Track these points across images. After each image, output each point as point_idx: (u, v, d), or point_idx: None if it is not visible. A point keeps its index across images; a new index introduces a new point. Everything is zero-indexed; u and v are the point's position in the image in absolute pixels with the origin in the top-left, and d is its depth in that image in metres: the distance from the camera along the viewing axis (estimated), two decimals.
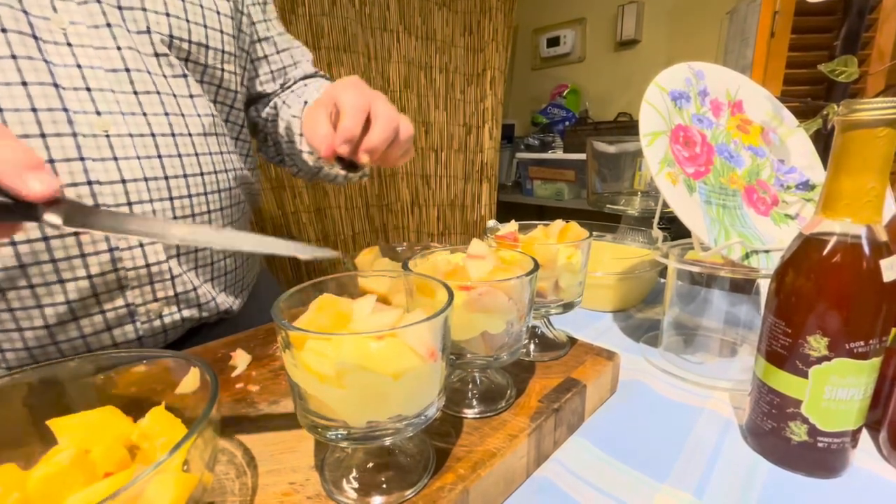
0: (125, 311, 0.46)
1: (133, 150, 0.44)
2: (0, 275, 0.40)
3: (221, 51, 0.51)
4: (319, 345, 0.22)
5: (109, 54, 0.43)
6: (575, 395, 0.37)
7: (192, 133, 0.49)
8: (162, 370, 0.29)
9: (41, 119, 0.39)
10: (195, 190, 0.49)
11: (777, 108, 0.50)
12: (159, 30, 0.45)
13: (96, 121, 0.42)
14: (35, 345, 0.43)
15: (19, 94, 0.38)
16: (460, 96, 1.75)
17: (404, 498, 0.26)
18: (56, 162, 0.40)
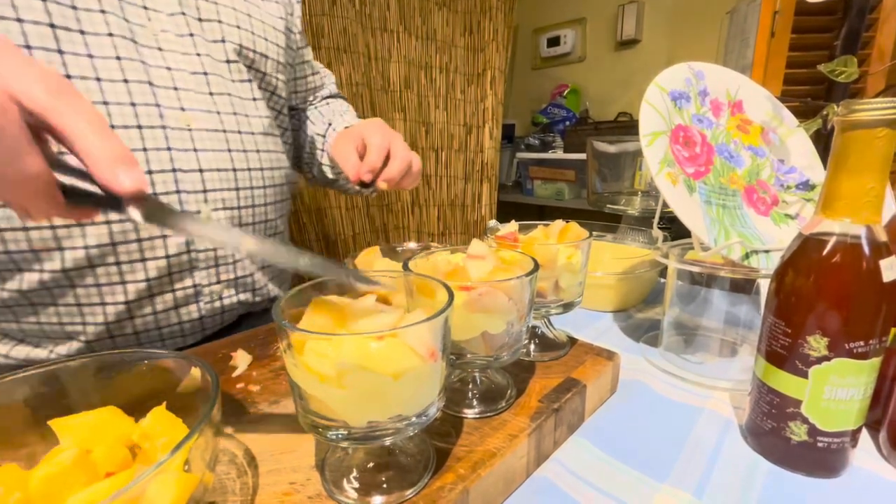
0: (192, 290, 0.51)
1: (209, 143, 0.49)
2: (93, 251, 0.43)
3: (277, 62, 0.58)
4: (320, 345, 0.22)
5: (191, 59, 0.49)
6: (575, 395, 0.37)
7: (254, 132, 0.55)
8: (163, 370, 0.29)
9: (138, 112, 0.44)
10: (256, 183, 0.55)
11: (777, 108, 0.50)
12: (231, 40, 0.52)
13: (181, 116, 0.47)
14: (113, 320, 0.47)
15: (122, 90, 0.43)
16: (460, 96, 1.75)
17: (404, 498, 0.26)
18: (148, 150, 0.44)
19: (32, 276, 0.43)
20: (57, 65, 0.40)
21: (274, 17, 0.58)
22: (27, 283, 0.43)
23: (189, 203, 0.48)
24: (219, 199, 0.50)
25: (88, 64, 0.41)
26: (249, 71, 0.55)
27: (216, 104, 0.50)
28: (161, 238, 0.46)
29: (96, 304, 0.45)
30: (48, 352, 0.47)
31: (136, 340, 0.49)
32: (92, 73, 0.41)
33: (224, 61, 0.51)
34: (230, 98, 0.52)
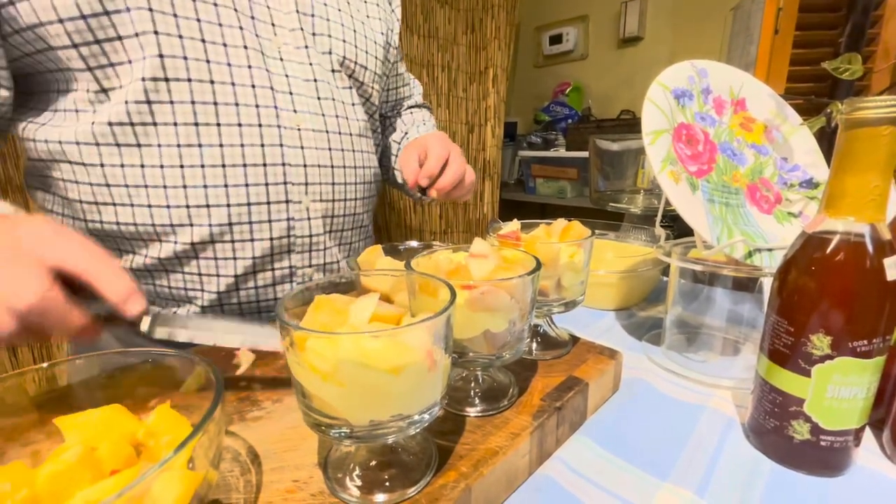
0: (288, 271, 0.56)
1: (314, 142, 0.55)
2: (215, 229, 0.50)
3: (374, 73, 0.64)
4: (320, 343, 0.22)
5: (305, 68, 0.55)
6: (577, 394, 0.37)
7: (352, 133, 0.60)
8: (167, 369, 0.30)
9: (260, 113, 0.50)
10: (350, 180, 0.60)
11: (780, 106, 0.50)
12: (337, 52, 0.58)
13: (294, 117, 0.53)
14: (224, 290, 0.53)
15: (249, 94, 0.50)
16: (462, 94, 1.74)
17: (407, 496, 0.26)
18: (265, 146, 0.51)
19: (169, 247, 0.50)
20: (204, 71, 0.47)
21: (376, 32, 0.64)
22: (164, 252, 0.50)
23: (293, 193, 0.54)
24: (317, 191, 0.56)
25: (227, 71, 0.48)
26: (350, 79, 0.61)
27: (322, 108, 0.56)
28: (268, 222, 0.53)
29: (213, 275, 0.52)
30: (172, 313, 0.53)
31: (238, 310, 0.56)
32: (229, 78, 0.49)
33: (331, 70, 0.58)
34: (334, 102, 0.58)
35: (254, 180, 0.51)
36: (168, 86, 0.46)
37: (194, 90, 0.47)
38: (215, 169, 0.49)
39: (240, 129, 0.49)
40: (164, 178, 0.48)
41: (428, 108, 0.87)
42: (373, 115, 0.68)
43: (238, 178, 0.50)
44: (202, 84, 0.47)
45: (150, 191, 0.48)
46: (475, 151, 1.79)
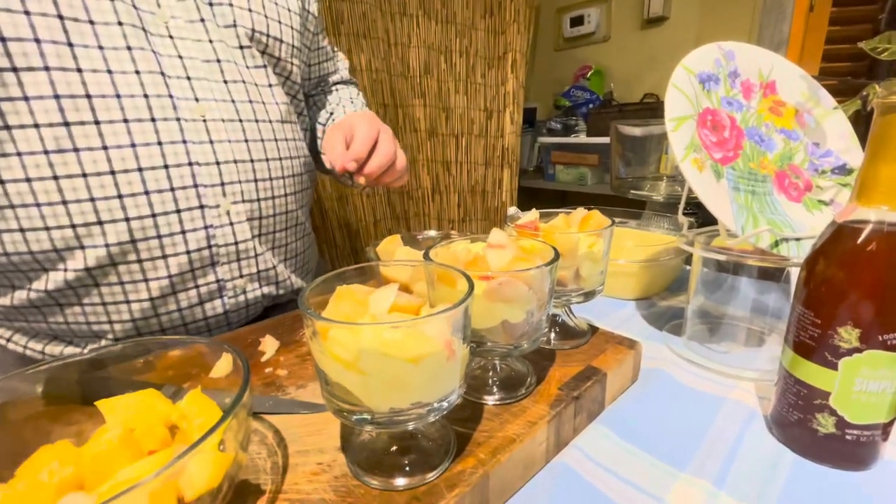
0: (216, 286, 0.50)
1: (225, 134, 0.48)
2: (114, 249, 0.43)
3: (292, 45, 0.56)
4: (342, 333, 0.23)
5: (203, 46, 0.47)
6: (595, 384, 0.37)
7: (271, 120, 0.53)
8: (196, 355, 0.31)
9: (152, 105, 0.43)
10: (275, 173, 0.53)
11: (813, 89, 0.48)
12: (243, 24, 0.50)
13: (195, 107, 0.46)
14: (139, 317, 0.47)
15: (134, 81, 0.42)
16: (481, 80, 1.72)
17: (426, 480, 0.27)
18: (164, 144, 0.44)
19: (57, 276, 0.43)
20: (67, 57, 0.39)
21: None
22: (52, 283, 0.43)
23: (207, 197, 0.47)
24: (237, 191, 0.49)
25: (99, 55, 0.40)
26: (263, 56, 0.53)
27: (231, 92, 0.49)
28: (181, 234, 0.46)
29: (121, 301, 0.45)
30: (80, 350, 0.47)
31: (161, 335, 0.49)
32: (103, 65, 0.40)
33: (237, 47, 0.50)
34: (245, 85, 0.50)
35: (155, 186, 0.43)
36: (18, 77, 0.37)
37: (56, 81, 0.38)
38: (102, 177, 0.41)
39: (126, 125, 0.41)
40: (34, 195, 0.39)
41: (355, 83, 0.78)
42: (295, 95, 0.60)
43: (135, 185, 0.42)
44: (66, 73, 0.39)
45: (19, 211, 0.39)
46: (493, 139, 1.77)
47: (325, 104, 0.70)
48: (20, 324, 0.47)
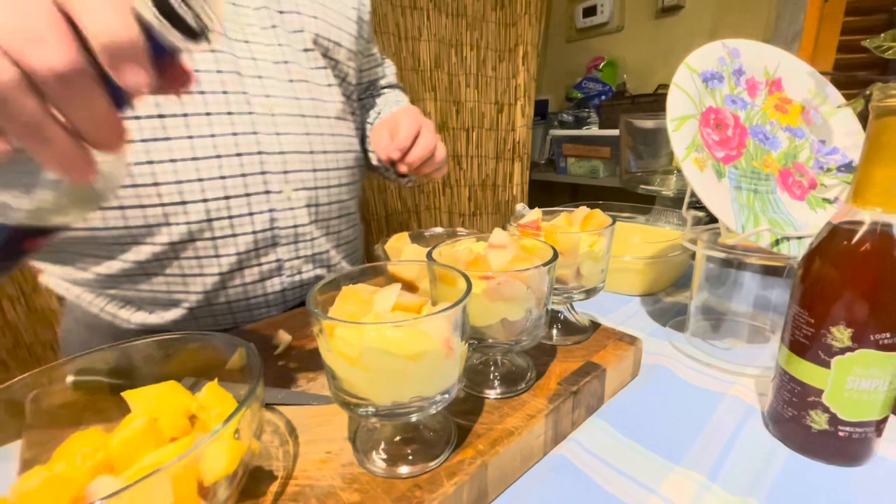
0: (276, 265, 0.55)
1: (290, 127, 0.53)
2: (193, 227, 0.48)
3: (349, 50, 0.62)
4: (347, 331, 0.25)
5: (273, 49, 0.53)
6: (594, 379, 0.38)
7: (329, 116, 0.58)
8: (213, 349, 0.33)
9: (229, 100, 0.49)
10: (331, 165, 0.59)
11: (820, 85, 0.47)
12: (309, 29, 0.55)
13: (265, 102, 0.51)
14: (210, 289, 0.52)
15: (216, 79, 0.48)
16: (492, 73, 1.72)
17: (428, 468, 0.28)
18: (238, 135, 0.49)
19: (146, 248, 0.48)
20: None
21: (347, 6, 0.61)
22: (142, 255, 0.48)
23: (273, 183, 0.52)
24: (298, 179, 0.55)
25: (189, 57, 0.46)
26: (324, 59, 0.58)
27: (295, 90, 0.54)
28: (249, 216, 0.51)
29: (196, 274, 0.51)
30: (159, 317, 0.53)
31: (228, 309, 0.55)
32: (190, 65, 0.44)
33: (302, 50, 0.55)
34: (308, 84, 0.56)
35: (229, 172, 0.49)
36: None
37: None
38: (186, 163, 0.47)
39: (208, 118, 0.47)
40: (132, 178, 0.45)
41: (401, 88, 0.84)
42: (349, 96, 0.65)
43: (212, 171, 0.48)
44: None
45: (120, 191, 0.45)
46: (504, 132, 1.77)
47: (373, 106, 0.76)
48: (113, 292, 0.52)
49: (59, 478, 0.23)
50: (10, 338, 1.27)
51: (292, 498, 0.27)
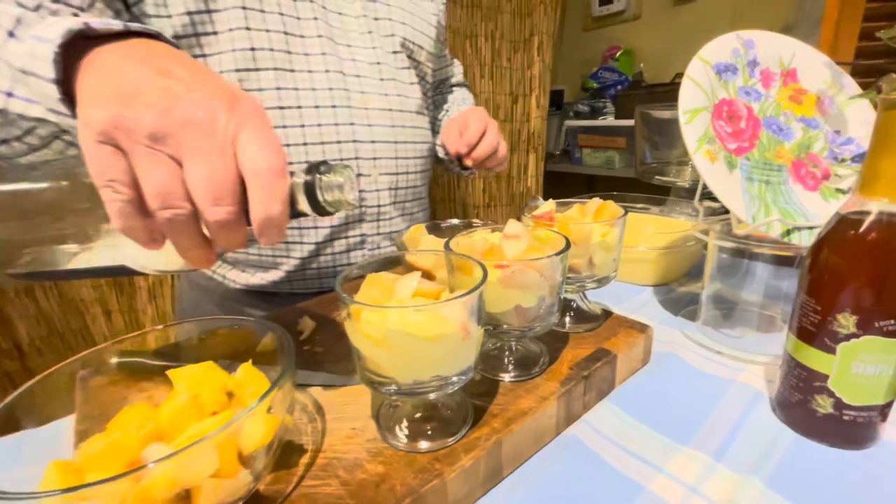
0: (359, 239, 0.63)
1: (380, 119, 0.61)
2: None
3: (429, 52, 0.70)
4: (372, 315, 0.27)
5: (369, 52, 0.61)
6: (605, 364, 0.40)
7: (411, 111, 0.66)
8: (246, 333, 0.36)
9: (333, 95, 0.57)
10: (410, 154, 0.66)
11: (836, 76, 0.47)
12: (398, 34, 0.64)
13: (361, 98, 0.59)
14: (307, 255, 0.61)
15: (324, 77, 0.56)
16: (506, 64, 1.71)
17: (446, 444, 0.30)
18: (339, 125, 0.57)
19: None
20: (286, 61, 0.53)
21: (429, 14, 0.69)
22: None
23: (364, 167, 0.60)
24: (384, 165, 0.62)
25: (305, 60, 0.55)
26: (409, 59, 0.66)
27: (385, 88, 0.62)
28: None
29: (297, 242, 0.59)
30: (260, 279, 0.62)
31: (317, 275, 0.63)
32: (306, 66, 0.55)
33: (391, 52, 0.63)
34: (395, 83, 0.63)
35: (330, 156, 0.57)
36: (257, 75, 0.52)
37: (279, 77, 0.53)
38: (298, 147, 0.55)
39: (317, 110, 0.55)
40: None
41: (467, 86, 0.92)
42: (426, 93, 0.73)
43: (317, 154, 0.56)
44: (284, 72, 0.53)
45: None
46: (519, 123, 1.77)
47: (443, 102, 0.86)
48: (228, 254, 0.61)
49: (117, 444, 0.25)
50: (45, 326, 1.34)
51: (322, 468, 0.30)
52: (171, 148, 0.25)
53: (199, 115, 0.25)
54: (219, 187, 0.25)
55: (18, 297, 1.27)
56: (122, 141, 0.24)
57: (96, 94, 0.25)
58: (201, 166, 0.25)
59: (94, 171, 0.25)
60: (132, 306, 1.41)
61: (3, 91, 0.30)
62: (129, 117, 0.24)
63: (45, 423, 0.29)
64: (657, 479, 0.32)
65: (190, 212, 0.26)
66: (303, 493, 0.28)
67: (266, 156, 0.26)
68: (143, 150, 0.24)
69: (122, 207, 0.25)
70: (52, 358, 1.36)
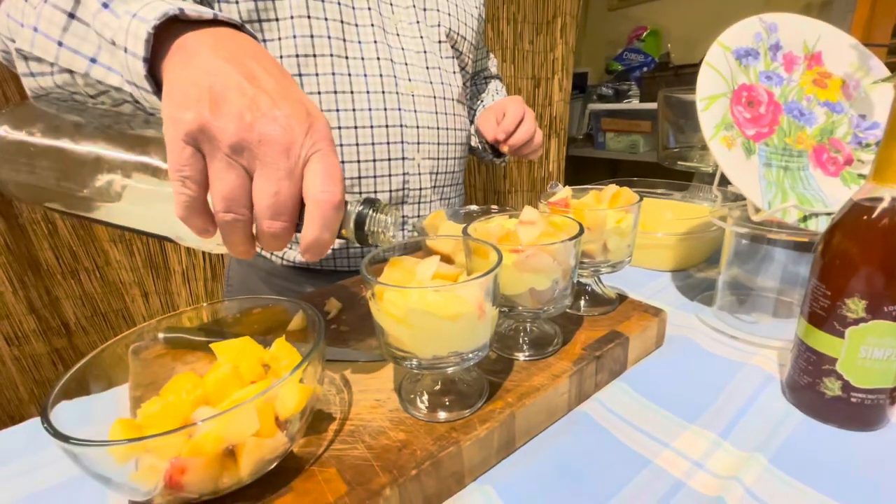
0: (401, 219, 0.67)
1: (424, 106, 0.64)
2: (348, 182, 0.59)
3: (471, 43, 0.73)
4: (394, 295, 0.29)
5: (416, 41, 0.64)
6: (617, 346, 0.41)
7: (453, 99, 0.69)
8: (279, 311, 0.38)
9: (383, 82, 0.60)
10: (450, 140, 0.69)
11: (864, 58, 0.46)
12: (444, 24, 0.67)
13: (408, 85, 0.63)
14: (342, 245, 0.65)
15: (375, 65, 0.59)
16: (528, 47, 1.69)
17: (463, 416, 0.33)
18: (387, 110, 0.60)
19: None
20: (342, 49, 0.57)
21: (472, 6, 0.72)
22: None
23: (408, 151, 0.63)
24: (426, 150, 0.65)
25: (358, 48, 0.58)
26: (452, 49, 0.70)
27: (430, 76, 0.65)
28: (388, 176, 0.62)
29: None
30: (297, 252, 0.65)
31: (360, 253, 0.66)
32: (360, 53, 0.58)
33: (437, 42, 0.67)
34: (440, 71, 0.67)
35: (378, 140, 0.60)
36: (315, 61, 0.55)
37: (334, 63, 0.56)
38: (349, 130, 0.58)
39: (368, 95, 0.59)
40: None
41: (500, 78, 0.96)
42: (465, 82, 0.76)
43: (366, 137, 0.59)
44: (340, 59, 0.57)
45: None
46: (541, 107, 1.75)
47: (478, 93, 0.90)
48: None
49: (171, 406, 0.28)
50: (89, 307, 1.42)
51: (349, 434, 0.32)
52: (247, 160, 0.27)
53: (279, 136, 0.27)
54: (281, 205, 0.28)
55: (65, 278, 1.35)
56: (204, 145, 0.27)
57: (188, 93, 0.27)
58: (270, 184, 0.27)
59: (172, 164, 0.27)
60: (167, 289, 1.49)
61: (87, 56, 0.32)
62: (216, 126, 0.26)
63: (107, 388, 0.32)
64: (663, 454, 0.34)
65: (248, 218, 0.29)
66: (332, 454, 0.31)
67: (329, 188, 0.28)
68: (222, 158, 0.27)
69: (188, 202, 0.28)
70: (97, 337, 1.45)
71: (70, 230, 1.32)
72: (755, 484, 0.30)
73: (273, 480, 0.29)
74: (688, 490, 0.31)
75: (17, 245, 1.24)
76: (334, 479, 0.29)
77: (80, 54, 0.31)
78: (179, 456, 0.24)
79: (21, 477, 0.35)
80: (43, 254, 1.31)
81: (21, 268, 1.25)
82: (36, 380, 1.33)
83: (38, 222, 1.28)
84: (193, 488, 0.25)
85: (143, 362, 0.38)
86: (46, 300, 1.32)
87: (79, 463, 0.24)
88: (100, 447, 0.23)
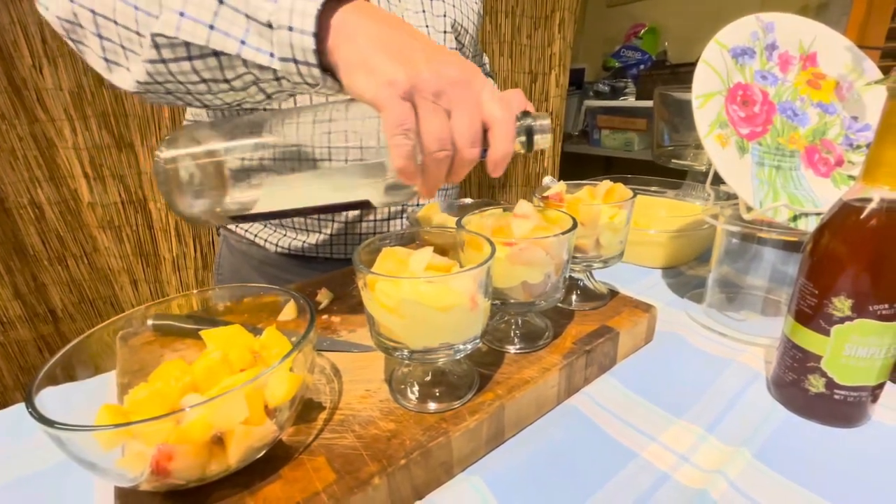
0: (400, 208, 0.67)
1: None
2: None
3: (472, 36, 0.73)
4: (387, 285, 0.29)
5: (421, 30, 0.61)
6: (607, 341, 0.41)
7: None
8: (270, 301, 0.38)
9: None
10: None
11: (857, 60, 0.47)
12: (450, 15, 0.66)
13: None
14: (350, 220, 0.65)
15: None
16: (526, 41, 1.68)
17: (452, 407, 0.33)
18: None
19: None
20: None
21: (473, 1, 0.72)
22: None
23: None
24: None
25: None
26: (456, 41, 0.69)
27: None
28: None
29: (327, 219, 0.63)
30: (300, 242, 0.65)
31: (359, 240, 0.66)
32: None
33: (441, 32, 0.66)
34: None
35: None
36: None
37: None
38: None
39: None
40: None
41: (493, 76, 0.97)
42: None
43: None
44: None
45: None
46: (538, 102, 1.75)
47: None
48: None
49: (159, 392, 0.28)
50: (76, 294, 1.41)
51: (339, 423, 0.32)
52: (444, 102, 0.31)
53: (461, 76, 0.32)
54: (476, 132, 0.32)
55: (52, 264, 1.33)
56: (416, 97, 0.31)
57: (385, 59, 0.31)
58: (465, 117, 0.32)
59: (394, 120, 0.31)
60: (157, 277, 1.47)
61: (238, 38, 0.34)
62: (421, 79, 0.31)
63: (94, 375, 0.32)
64: (650, 447, 0.34)
65: (452, 153, 0.32)
66: (322, 443, 0.31)
67: (504, 108, 0.33)
68: (430, 105, 0.31)
69: (409, 151, 0.31)
70: (84, 324, 1.44)
71: (57, 215, 1.30)
72: (739, 477, 0.31)
73: (261, 468, 0.29)
74: (673, 483, 0.31)
75: (3, 229, 1.22)
76: (323, 468, 0.29)
77: (231, 36, 0.34)
78: (166, 442, 0.24)
79: (5, 462, 0.35)
80: (29, 238, 1.28)
81: (6, 253, 1.23)
82: (21, 366, 1.32)
83: (24, 206, 1.25)
84: (180, 475, 0.25)
85: (132, 349, 0.37)
86: (32, 286, 1.30)
87: (64, 448, 0.24)
88: (85, 432, 0.23)
